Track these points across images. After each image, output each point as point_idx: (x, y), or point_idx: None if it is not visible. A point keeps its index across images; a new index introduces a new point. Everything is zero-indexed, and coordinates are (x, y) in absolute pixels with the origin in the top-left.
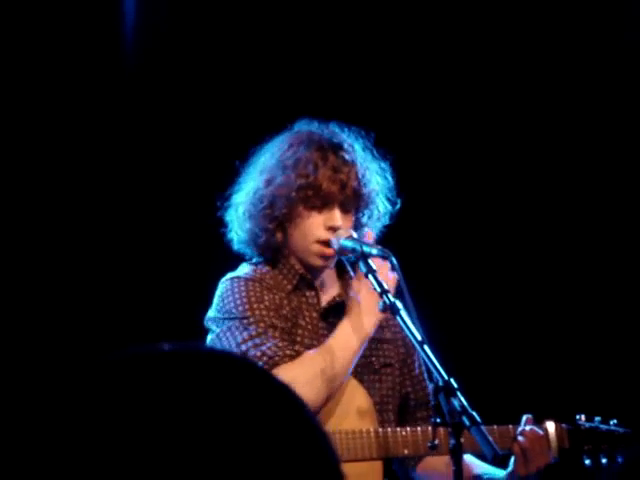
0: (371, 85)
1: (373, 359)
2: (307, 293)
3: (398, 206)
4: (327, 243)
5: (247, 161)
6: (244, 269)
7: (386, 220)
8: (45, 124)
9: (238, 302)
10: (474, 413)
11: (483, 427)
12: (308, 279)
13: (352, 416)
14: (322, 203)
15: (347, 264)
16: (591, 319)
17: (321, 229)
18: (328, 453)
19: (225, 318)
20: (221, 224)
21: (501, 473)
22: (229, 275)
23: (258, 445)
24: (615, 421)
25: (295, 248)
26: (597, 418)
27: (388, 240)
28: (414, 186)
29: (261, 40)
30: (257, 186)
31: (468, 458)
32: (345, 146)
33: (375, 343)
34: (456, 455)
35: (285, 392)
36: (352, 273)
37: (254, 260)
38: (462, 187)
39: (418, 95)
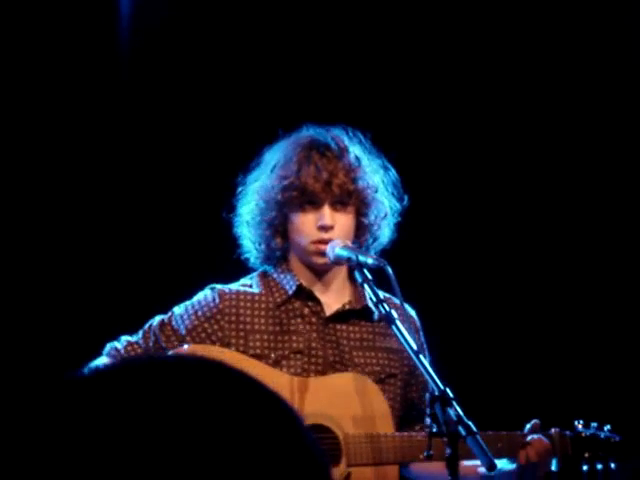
0: (370, 85)
1: (379, 368)
2: (309, 303)
3: (405, 202)
4: (322, 241)
5: (249, 170)
6: (234, 283)
7: (396, 218)
8: (43, 124)
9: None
10: (470, 423)
11: (479, 437)
12: (307, 290)
13: (372, 420)
14: (311, 203)
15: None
16: (587, 325)
17: (314, 229)
18: (318, 461)
19: None
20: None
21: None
22: (216, 285)
23: (246, 455)
24: (609, 427)
25: (296, 251)
26: (593, 424)
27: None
28: (413, 188)
29: (257, 41)
30: (252, 196)
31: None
32: (331, 144)
33: (382, 352)
34: (452, 465)
35: (275, 401)
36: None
37: (253, 274)
38: (460, 189)
39: (417, 94)
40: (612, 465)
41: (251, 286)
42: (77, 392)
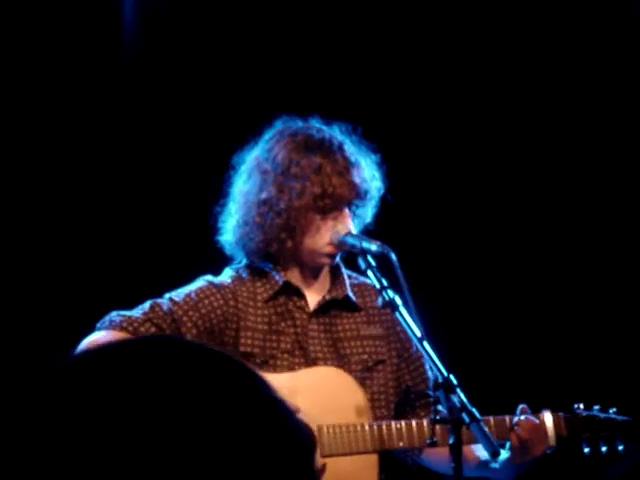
0: (358, 79)
1: (366, 356)
2: (294, 298)
3: (382, 192)
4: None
5: (234, 165)
6: (225, 274)
7: (375, 207)
8: (43, 123)
9: (181, 288)
10: (474, 410)
11: (483, 424)
12: (293, 285)
13: (346, 411)
14: (333, 206)
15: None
16: (590, 310)
17: (330, 231)
18: (302, 446)
19: None
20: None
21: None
22: (206, 276)
23: (229, 441)
24: (614, 409)
25: (302, 252)
26: (596, 407)
27: (386, 235)
28: (411, 181)
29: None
30: (265, 196)
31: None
32: (345, 146)
33: (367, 340)
34: (456, 452)
35: (260, 387)
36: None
37: (238, 265)
38: (458, 181)
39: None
40: (620, 447)
41: (241, 279)
42: (62, 376)
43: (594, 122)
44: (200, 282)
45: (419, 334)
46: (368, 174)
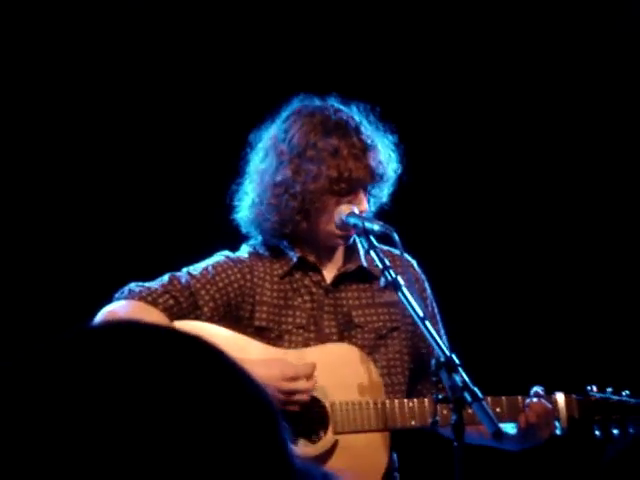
0: (375, 61)
1: (380, 324)
2: (310, 273)
3: (399, 173)
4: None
5: (251, 143)
6: (242, 250)
7: (390, 190)
8: (42, 122)
9: (199, 263)
10: (476, 389)
11: (485, 403)
12: (310, 261)
13: (359, 388)
14: (349, 189)
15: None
16: (605, 294)
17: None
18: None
19: None
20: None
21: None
22: (224, 251)
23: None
24: (628, 392)
25: (317, 233)
26: (609, 389)
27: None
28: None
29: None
30: (280, 178)
31: None
32: (362, 128)
33: (382, 307)
34: (458, 431)
35: (234, 370)
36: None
37: (254, 241)
38: (462, 173)
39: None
40: (631, 429)
41: (258, 255)
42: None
43: (597, 121)
44: (218, 257)
45: (421, 314)
46: (384, 156)
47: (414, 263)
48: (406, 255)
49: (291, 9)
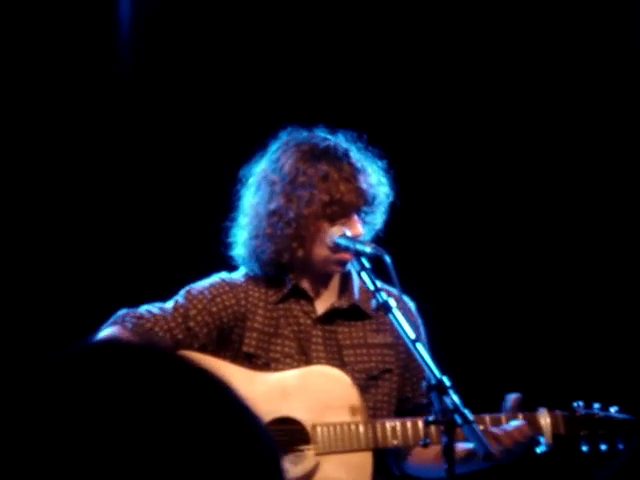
0: (361, 86)
1: (372, 365)
2: (302, 301)
3: (391, 199)
4: (345, 249)
5: (242, 179)
6: (240, 272)
7: (385, 214)
8: (41, 124)
9: (196, 284)
10: (466, 411)
11: (475, 425)
12: (301, 289)
13: (340, 410)
14: (341, 213)
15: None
16: (593, 307)
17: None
18: (262, 442)
19: None
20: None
21: None
22: (221, 273)
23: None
24: (616, 408)
25: (312, 260)
26: (596, 405)
27: (384, 236)
28: (410, 184)
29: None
30: (274, 206)
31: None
32: (351, 153)
33: (375, 348)
34: (448, 453)
35: (224, 395)
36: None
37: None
38: (456, 182)
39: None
40: (620, 445)
41: (254, 279)
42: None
43: (595, 123)
44: (214, 279)
45: (412, 336)
46: (375, 180)
47: (412, 306)
48: (405, 297)
49: (276, 44)
